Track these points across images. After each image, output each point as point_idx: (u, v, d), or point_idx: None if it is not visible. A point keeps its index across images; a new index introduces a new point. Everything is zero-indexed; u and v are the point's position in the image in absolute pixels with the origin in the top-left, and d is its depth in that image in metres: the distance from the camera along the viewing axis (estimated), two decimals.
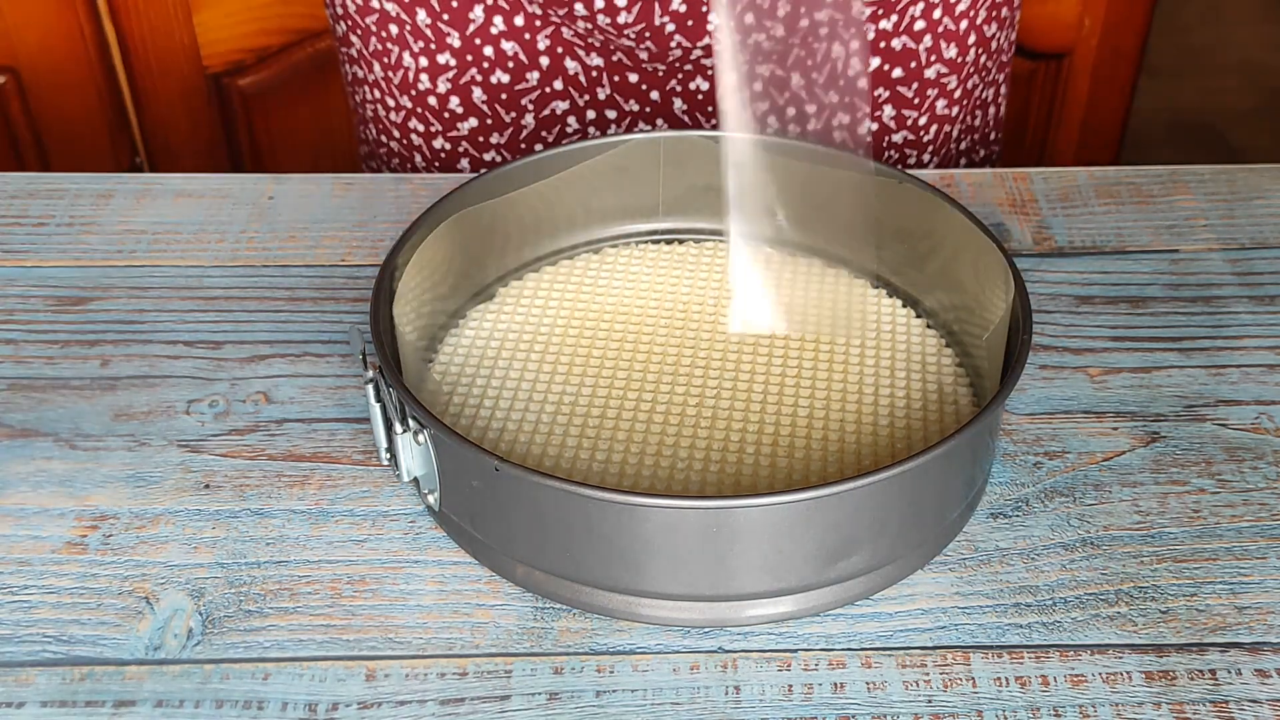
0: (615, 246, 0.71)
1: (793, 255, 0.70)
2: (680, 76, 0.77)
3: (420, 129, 0.84)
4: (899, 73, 0.79)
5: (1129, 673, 0.52)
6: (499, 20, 0.77)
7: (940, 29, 0.78)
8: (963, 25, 0.79)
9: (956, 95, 0.82)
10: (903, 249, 0.67)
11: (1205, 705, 0.51)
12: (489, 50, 0.79)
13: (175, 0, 1.34)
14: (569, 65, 0.78)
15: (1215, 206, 0.77)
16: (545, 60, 0.78)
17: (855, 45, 0.77)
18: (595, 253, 0.71)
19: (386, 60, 0.82)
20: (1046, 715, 0.51)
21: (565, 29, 0.76)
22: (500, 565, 0.56)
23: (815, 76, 0.78)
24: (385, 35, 0.81)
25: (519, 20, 0.77)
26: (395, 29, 0.80)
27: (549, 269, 0.70)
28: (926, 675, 0.52)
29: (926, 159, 0.84)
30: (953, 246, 0.64)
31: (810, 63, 0.77)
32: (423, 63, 0.80)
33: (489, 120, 0.82)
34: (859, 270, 0.69)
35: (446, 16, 0.79)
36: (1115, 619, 0.54)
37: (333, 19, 0.86)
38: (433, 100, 0.82)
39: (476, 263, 0.67)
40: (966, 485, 0.57)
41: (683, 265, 0.70)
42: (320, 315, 0.69)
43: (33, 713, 0.51)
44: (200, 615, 0.54)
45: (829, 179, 0.68)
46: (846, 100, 0.79)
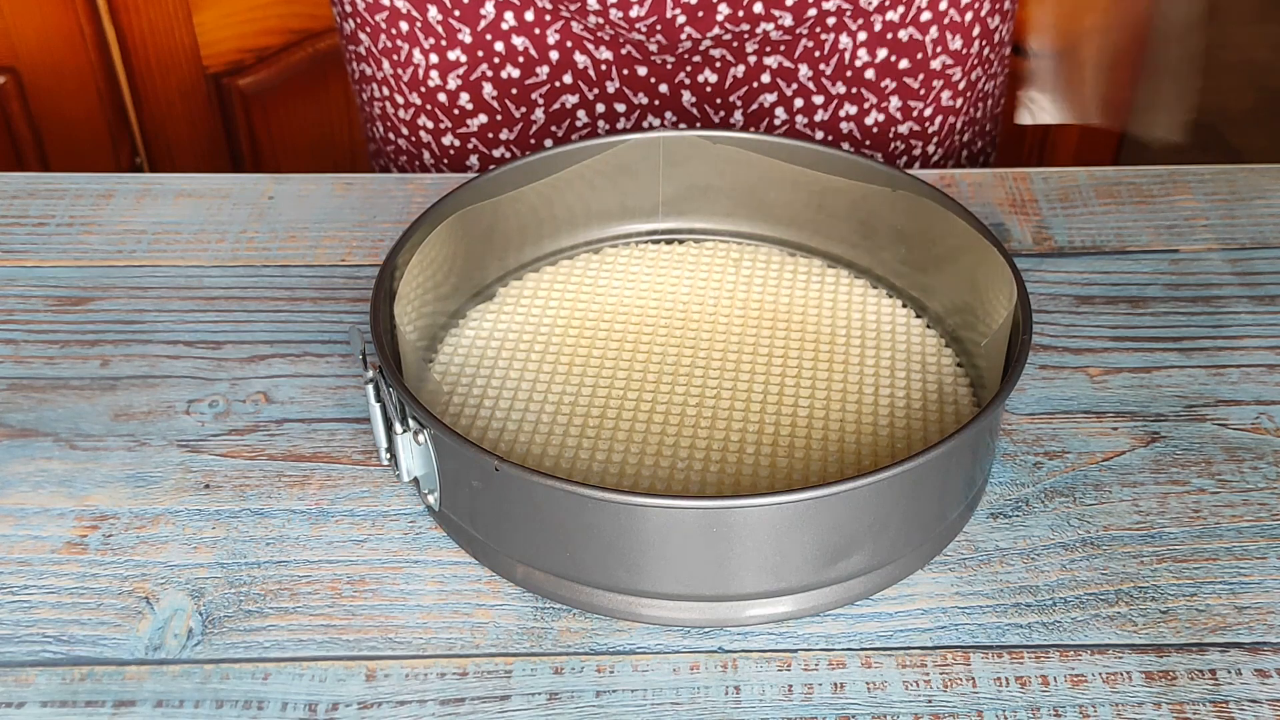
0: (615, 246, 0.71)
1: (793, 255, 0.70)
2: (689, 69, 0.78)
3: (429, 126, 0.84)
4: (905, 64, 0.79)
5: (1129, 673, 0.52)
6: (509, 16, 0.77)
7: (946, 20, 0.78)
8: (967, 17, 0.79)
9: (961, 87, 0.82)
10: (903, 250, 0.67)
11: (1205, 705, 0.51)
12: (499, 46, 0.79)
13: (175, 0, 1.34)
14: (578, 59, 0.78)
15: (1215, 206, 0.77)
16: (555, 55, 0.78)
17: (863, 37, 0.77)
18: (595, 253, 0.71)
19: (396, 57, 0.82)
20: (1046, 715, 0.51)
21: (575, 23, 0.76)
22: (500, 565, 0.56)
23: (823, 68, 0.78)
24: (395, 32, 0.81)
25: (529, 15, 0.77)
26: (405, 26, 0.80)
27: (549, 269, 0.70)
28: (926, 675, 0.52)
29: (931, 150, 0.84)
30: (953, 247, 0.64)
31: (818, 54, 0.77)
32: (433, 59, 0.80)
33: (499, 116, 0.82)
34: (859, 270, 0.69)
35: (458, 13, 0.79)
36: (1115, 619, 0.54)
37: (340, 16, 0.86)
38: (442, 97, 0.82)
39: (476, 263, 0.67)
40: (966, 485, 0.57)
41: (683, 265, 0.70)
42: (320, 315, 0.69)
43: (33, 713, 0.51)
44: (200, 615, 0.54)
45: (827, 179, 0.68)
46: (853, 92, 0.79)
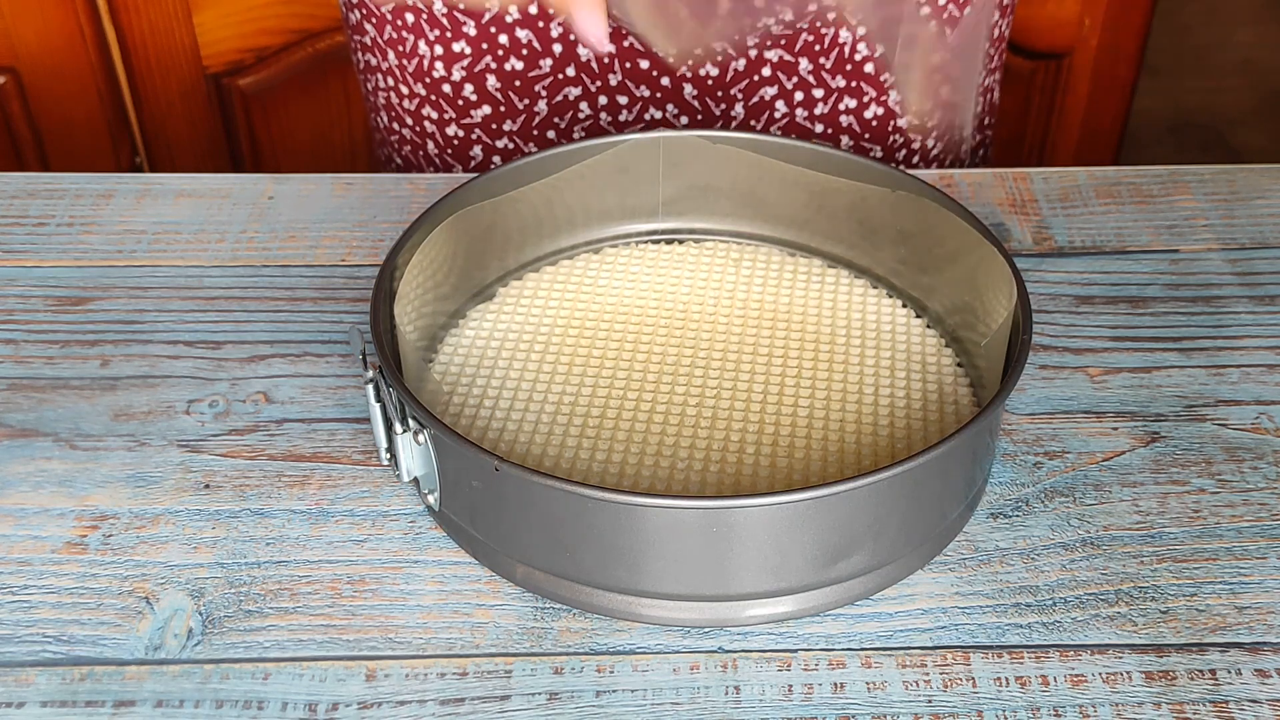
0: (615, 246, 0.71)
1: (793, 255, 0.70)
2: (690, 62, 0.78)
3: (434, 116, 0.84)
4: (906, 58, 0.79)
5: (1129, 673, 0.52)
6: (514, 9, 0.78)
7: (945, 15, 0.78)
8: (967, 11, 0.79)
9: (960, 81, 0.82)
10: (903, 250, 0.67)
11: (1205, 705, 0.51)
12: (504, 38, 0.79)
13: (175, 0, 1.34)
14: (581, 52, 0.78)
15: (1215, 206, 0.77)
16: (558, 47, 0.79)
17: (863, 31, 0.77)
18: (595, 253, 0.71)
19: (401, 48, 0.82)
20: (1046, 715, 0.51)
21: None
22: (500, 565, 0.56)
23: (823, 62, 0.78)
24: (401, 23, 0.81)
25: (533, 9, 0.77)
26: (411, 17, 0.80)
27: (549, 269, 0.70)
28: (926, 675, 0.52)
29: (931, 144, 0.84)
30: (953, 247, 0.64)
31: (818, 48, 0.77)
32: (438, 50, 0.81)
33: (502, 107, 0.82)
34: (859, 270, 0.69)
35: (463, 5, 0.79)
36: (1115, 619, 0.54)
37: (345, 7, 0.86)
38: (447, 88, 0.82)
39: (476, 263, 0.67)
40: (966, 485, 0.57)
41: (683, 265, 0.70)
42: (320, 315, 0.69)
43: (33, 713, 0.51)
44: (200, 615, 0.54)
45: (827, 179, 0.68)
46: (853, 86, 0.79)
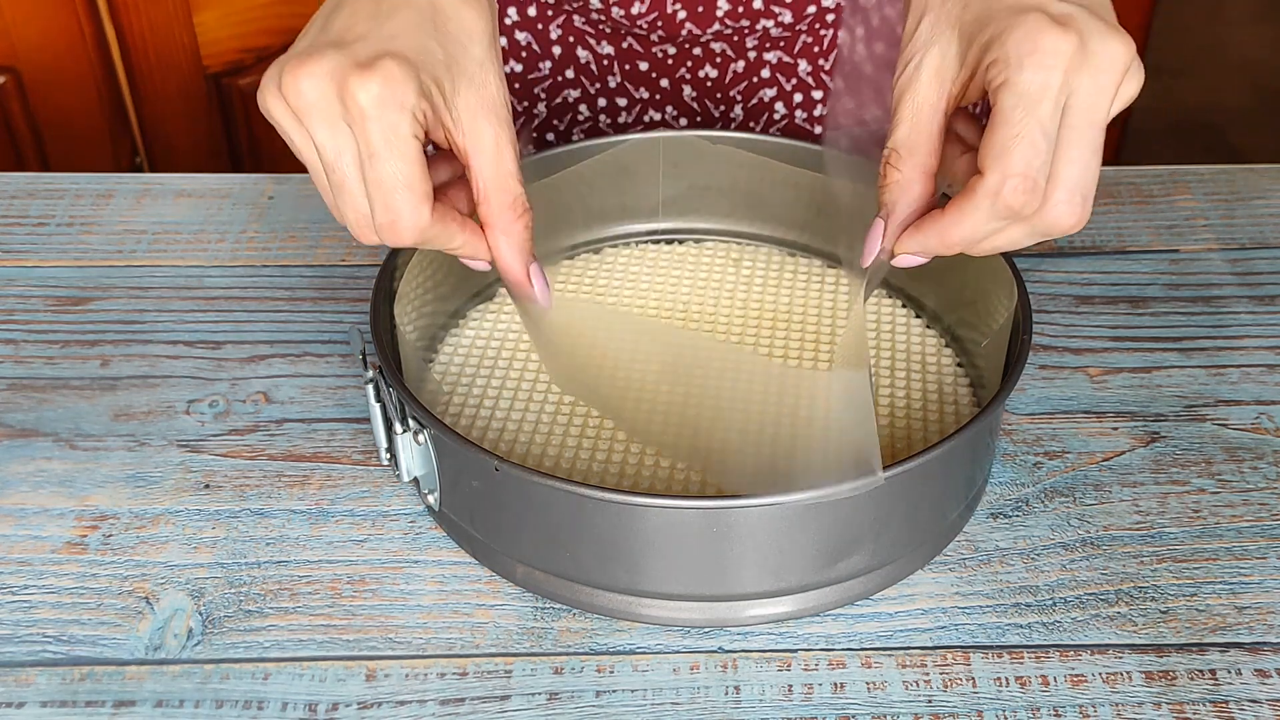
0: (615, 246, 0.71)
1: (793, 255, 0.70)
2: (689, 64, 0.78)
3: None
4: None
5: (1129, 673, 0.52)
6: (513, 11, 0.78)
7: None
8: None
9: None
10: None
11: (1205, 705, 0.51)
12: (503, 41, 0.79)
13: (175, 0, 1.34)
14: (580, 54, 0.78)
15: (1215, 206, 0.77)
16: (557, 50, 0.79)
17: (861, 32, 0.77)
18: (595, 253, 0.71)
19: None
20: (1046, 715, 0.51)
21: (577, 18, 0.77)
22: (500, 565, 0.56)
23: (822, 63, 0.78)
24: None
25: (532, 11, 0.78)
26: None
27: (549, 269, 0.69)
28: (926, 675, 0.52)
29: None
30: None
31: (817, 50, 0.77)
32: None
33: None
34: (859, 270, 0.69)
35: None
36: (1115, 619, 0.54)
37: None
38: None
39: None
40: (966, 485, 0.57)
41: (683, 265, 0.70)
42: (320, 315, 0.69)
43: (33, 713, 0.51)
44: (200, 615, 0.54)
45: (829, 179, 0.68)
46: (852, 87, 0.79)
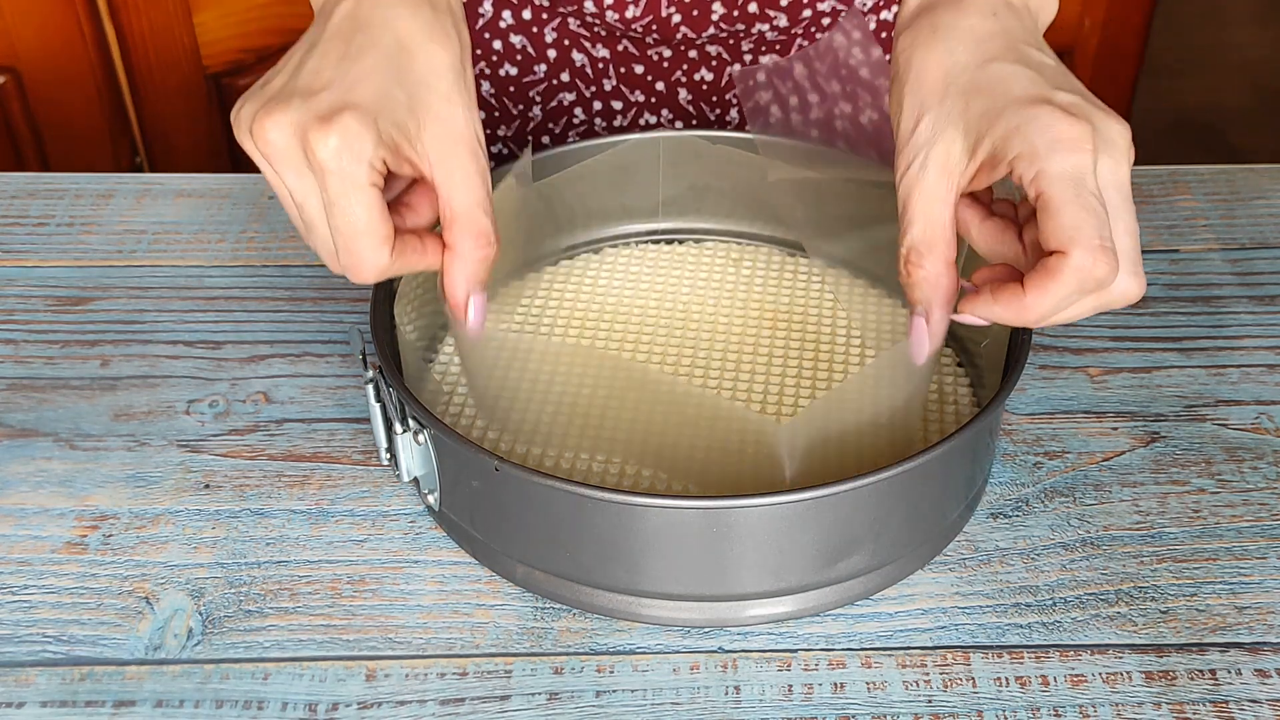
0: (615, 246, 0.71)
1: (793, 255, 0.70)
2: (685, 67, 0.78)
3: None
4: None
5: (1129, 673, 0.52)
6: (507, 15, 0.78)
7: None
8: None
9: None
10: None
11: (1205, 705, 0.51)
12: (498, 44, 0.79)
13: (175, 0, 1.34)
14: (576, 57, 0.78)
15: (1215, 206, 0.77)
16: (552, 53, 0.79)
17: (857, 36, 0.77)
18: (595, 253, 0.71)
19: None
20: (1046, 715, 0.51)
21: (572, 21, 0.77)
22: (500, 565, 0.56)
23: (818, 67, 0.78)
24: None
25: (527, 14, 0.77)
26: None
27: (549, 269, 0.69)
28: (926, 675, 0.52)
29: None
30: None
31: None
32: None
33: (497, 113, 0.82)
34: (859, 270, 0.69)
35: None
36: (1115, 619, 0.54)
37: None
38: None
39: None
40: (966, 485, 0.57)
41: (683, 265, 0.70)
42: (320, 315, 0.69)
43: (33, 713, 0.51)
44: (200, 615, 0.54)
45: (827, 179, 0.68)
46: (847, 90, 0.79)
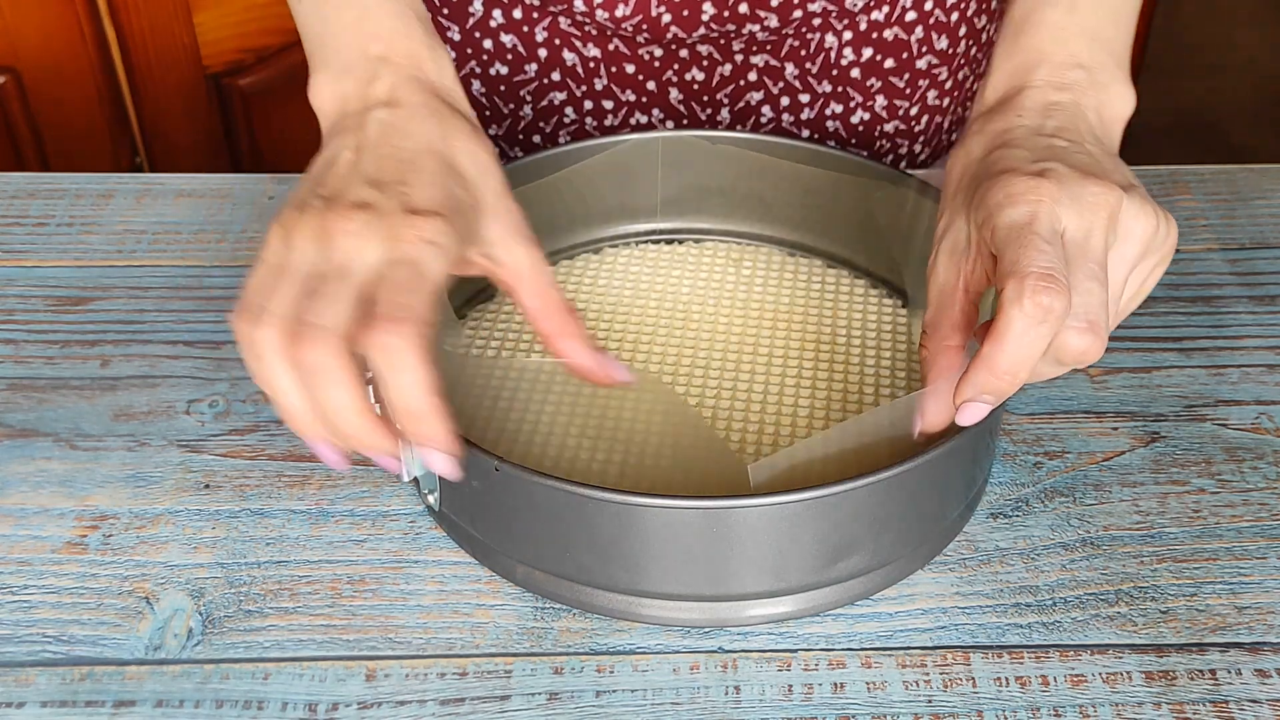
0: (615, 246, 0.71)
1: (793, 255, 0.70)
2: (676, 67, 0.78)
3: None
4: (891, 63, 0.79)
5: (1129, 673, 0.52)
6: (498, 14, 0.78)
7: (931, 20, 0.78)
8: (954, 17, 0.79)
9: (948, 86, 0.82)
10: (902, 249, 0.67)
11: (1205, 705, 0.51)
12: (488, 43, 0.79)
13: (175, 0, 1.34)
14: (566, 57, 0.78)
15: (1215, 206, 0.77)
16: (543, 52, 0.79)
17: (848, 36, 0.77)
18: (595, 253, 0.71)
19: None
20: (1046, 715, 0.51)
21: (563, 20, 0.77)
22: (500, 565, 0.56)
23: (809, 67, 0.78)
24: None
25: (517, 13, 0.77)
26: None
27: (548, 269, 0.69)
28: (926, 675, 0.52)
29: (918, 149, 0.84)
30: None
31: (804, 53, 0.77)
32: None
33: (487, 112, 0.82)
34: (859, 270, 0.69)
35: (446, 10, 0.79)
36: (1115, 619, 0.54)
37: None
38: None
39: None
40: (966, 485, 0.57)
41: (682, 265, 0.70)
42: None
43: (33, 713, 0.51)
44: (200, 615, 0.54)
45: (827, 178, 0.68)
46: (838, 91, 0.79)
